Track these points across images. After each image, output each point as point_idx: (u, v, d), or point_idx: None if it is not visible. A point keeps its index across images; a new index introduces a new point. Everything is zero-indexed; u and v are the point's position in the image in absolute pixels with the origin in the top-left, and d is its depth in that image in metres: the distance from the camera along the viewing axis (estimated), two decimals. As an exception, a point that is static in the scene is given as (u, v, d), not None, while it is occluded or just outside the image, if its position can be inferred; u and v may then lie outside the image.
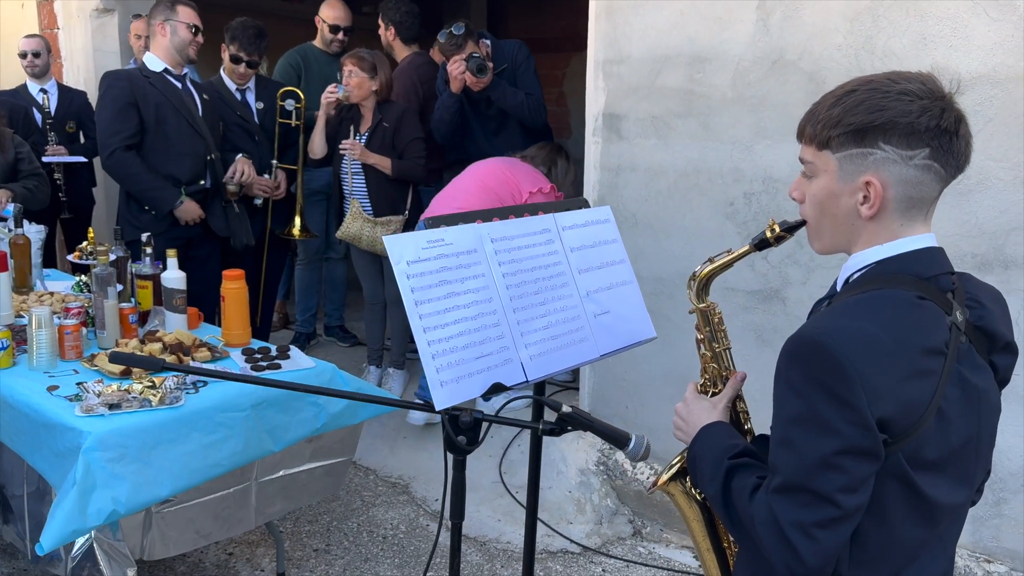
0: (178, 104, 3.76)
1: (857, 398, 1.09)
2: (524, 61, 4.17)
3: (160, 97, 3.72)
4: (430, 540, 3.32)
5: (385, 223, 4.07)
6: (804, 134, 1.27)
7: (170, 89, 3.76)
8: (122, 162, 3.68)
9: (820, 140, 1.23)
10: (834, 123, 1.20)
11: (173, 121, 3.74)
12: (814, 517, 1.13)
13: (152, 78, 3.74)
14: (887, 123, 1.17)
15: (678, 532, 3.39)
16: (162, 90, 3.73)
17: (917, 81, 1.19)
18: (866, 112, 1.18)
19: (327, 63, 4.78)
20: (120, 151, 3.66)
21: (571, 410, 1.57)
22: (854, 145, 1.19)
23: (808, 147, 1.26)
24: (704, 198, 3.22)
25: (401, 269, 1.54)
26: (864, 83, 1.21)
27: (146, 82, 3.72)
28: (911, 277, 1.20)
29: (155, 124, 3.72)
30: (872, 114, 1.17)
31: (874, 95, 1.18)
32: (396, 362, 4.42)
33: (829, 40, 2.88)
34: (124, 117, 3.66)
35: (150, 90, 3.71)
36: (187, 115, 3.77)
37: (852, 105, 1.19)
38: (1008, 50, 2.58)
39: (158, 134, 3.73)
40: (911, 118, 1.16)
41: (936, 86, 1.20)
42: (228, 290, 2.93)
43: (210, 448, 2.42)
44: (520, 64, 4.16)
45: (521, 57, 4.17)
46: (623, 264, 1.95)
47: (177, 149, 3.76)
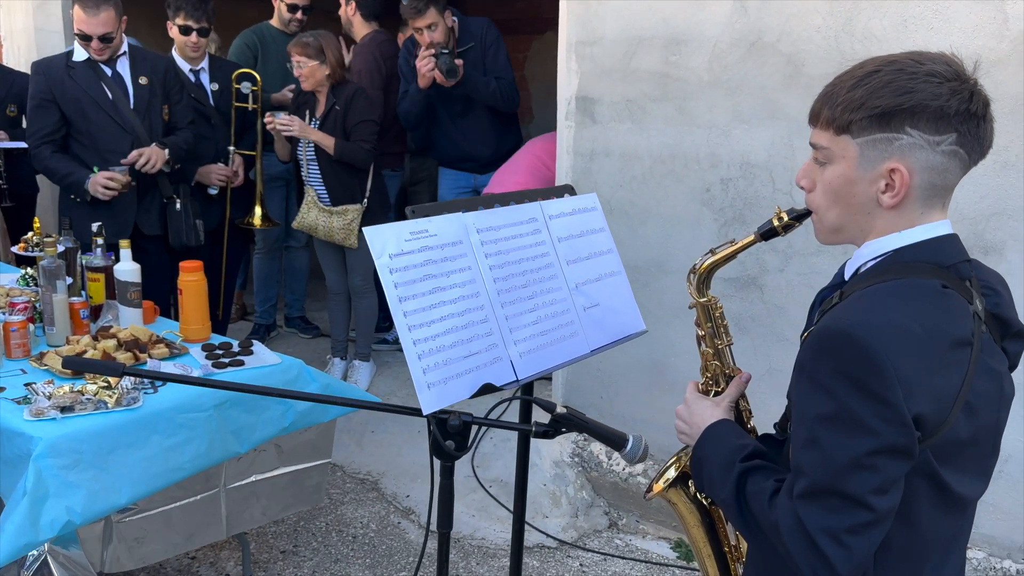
0: (98, 97, 3.51)
1: (893, 393, 1.02)
2: (494, 42, 4.05)
3: (79, 91, 3.49)
4: (402, 539, 3.22)
5: (341, 212, 3.92)
6: (820, 117, 1.18)
7: (91, 81, 3.51)
8: (38, 157, 3.53)
9: (839, 124, 1.14)
10: (856, 106, 1.12)
11: (94, 116, 3.52)
12: (846, 523, 1.06)
13: (75, 69, 3.50)
14: (916, 106, 1.09)
15: (654, 523, 3.34)
16: (82, 83, 3.49)
17: (942, 62, 1.12)
18: (893, 94, 1.10)
19: (285, 43, 4.57)
20: (40, 147, 3.50)
21: (565, 411, 1.49)
22: (878, 130, 1.11)
23: (824, 131, 1.17)
24: (680, 184, 3.15)
25: (383, 263, 1.43)
26: (887, 63, 1.13)
27: (66, 74, 3.49)
28: (932, 266, 1.13)
29: (77, 118, 3.51)
30: (900, 96, 1.10)
31: (900, 76, 1.10)
32: (362, 354, 4.29)
33: (808, 21, 2.82)
34: (40, 114, 3.50)
35: (69, 84, 3.48)
36: (109, 109, 3.53)
37: (877, 87, 1.11)
38: (990, 33, 2.54)
39: (81, 130, 3.53)
40: (941, 101, 1.09)
41: (961, 68, 1.13)
42: (186, 283, 2.78)
43: (171, 451, 2.29)
44: (489, 45, 4.04)
45: (491, 37, 4.04)
46: (611, 254, 1.87)
47: (98, 147, 3.54)
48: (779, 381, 2.36)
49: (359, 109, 3.85)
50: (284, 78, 4.52)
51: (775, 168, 2.96)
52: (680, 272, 3.20)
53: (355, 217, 3.90)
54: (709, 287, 1.42)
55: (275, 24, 4.64)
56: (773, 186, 2.97)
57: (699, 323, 1.44)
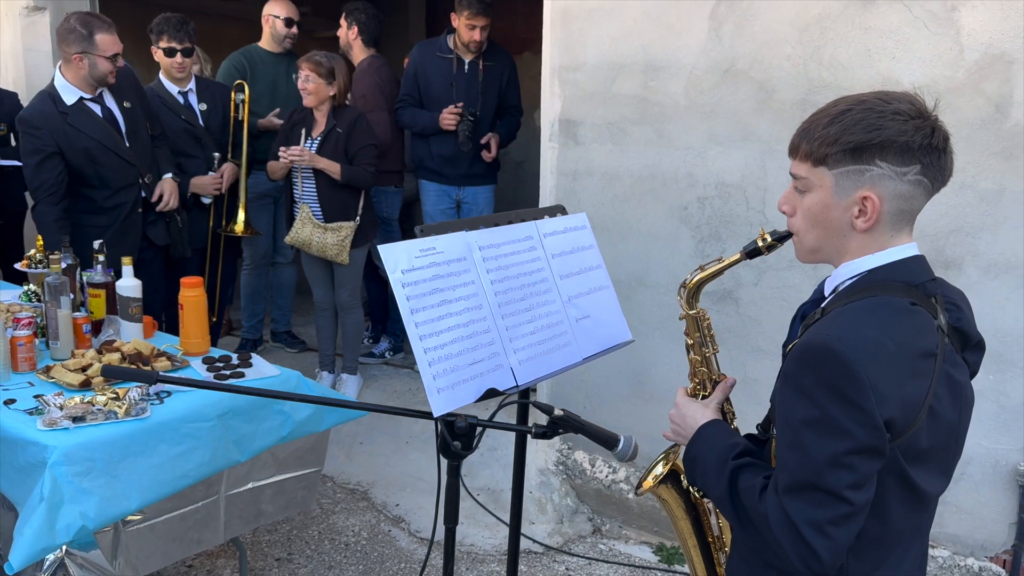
0: (103, 138, 3.54)
1: (868, 401, 1.17)
2: (513, 77, 4.51)
3: (85, 140, 3.49)
4: (393, 545, 3.32)
5: (335, 229, 4.04)
6: (799, 151, 1.33)
7: (91, 125, 3.52)
8: (42, 217, 3.47)
9: (816, 157, 1.29)
10: (831, 141, 1.27)
11: (102, 159, 3.55)
12: (827, 515, 1.20)
13: (70, 116, 3.48)
14: (884, 142, 1.24)
15: (636, 529, 3.47)
16: (84, 129, 3.49)
17: (907, 101, 1.27)
18: (863, 131, 1.25)
19: (273, 64, 4.72)
20: (43, 205, 3.48)
21: (563, 413, 1.62)
22: (851, 162, 1.26)
23: (803, 163, 1.32)
24: (659, 202, 3.31)
25: (396, 278, 1.56)
26: (857, 102, 1.28)
27: (64, 122, 3.45)
28: (902, 284, 1.28)
29: (86, 165, 3.52)
30: (870, 133, 1.25)
31: (870, 115, 1.25)
32: (349, 368, 4.39)
33: (779, 50, 2.99)
34: (46, 168, 3.44)
35: (72, 133, 3.47)
36: (113, 147, 3.58)
37: (849, 124, 1.26)
38: (946, 62, 2.73)
39: (89, 174, 3.55)
40: (906, 136, 1.24)
41: (924, 106, 1.28)
42: (187, 298, 2.88)
43: (178, 459, 2.38)
44: (509, 79, 4.50)
45: (510, 72, 4.50)
46: (600, 269, 2.01)
47: (111, 184, 3.61)
48: (754, 389, 2.51)
49: (362, 134, 3.99)
50: (272, 100, 4.64)
51: (748, 188, 3.12)
52: (659, 287, 3.35)
53: (348, 234, 4.03)
54: (698, 300, 1.57)
55: (263, 45, 4.75)
56: (747, 205, 3.14)
57: (688, 333, 1.59)
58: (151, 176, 3.75)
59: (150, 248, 3.85)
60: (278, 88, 4.68)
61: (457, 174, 4.45)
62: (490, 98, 4.45)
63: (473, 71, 4.40)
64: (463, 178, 4.46)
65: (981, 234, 2.75)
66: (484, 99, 4.42)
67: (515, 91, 4.56)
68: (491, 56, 4.43)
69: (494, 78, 4.44)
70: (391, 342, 4.99)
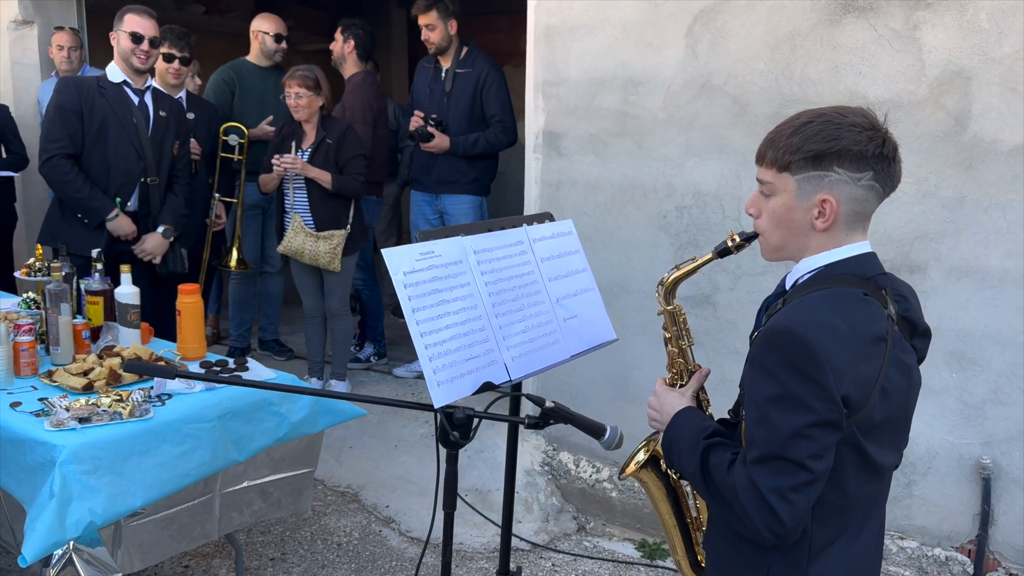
0: (124, 120, 3.67)
1: (826, 378, 1.30)
2: (494, 82, 4.38)
3: (107, 109, 3.65)
4: (384, 545, 3.41)
5: (327, 237, 4.15)
6: (765, 158, 1.46)
7: (121, 102, 3.68)
8: (58, 169, 3.60)
9: (781, 164, 1.43)
10: (794, 149, 1.41)
11: (114, 136, 3.67)
12: (789, 482, 1.33)
13: (107, 89, 3.67)
14: (841, 150, 1.38)
15: (619, 526, 3.59)
16: (112, 102, 3.66)
17: (860, 115, 1.41)
18: (823, 141, 1.39)
19: (262, 78, 4.83)
20: (58, 158, 3.60)
21: (553, 405, 1.73)
22: (812, 168, 1.40)
23: (768, 169, 1.46)
24: (639, 212, 3.45)
25: (399, 280, 1.67)
26: (817, 115, 1.42)
27: (98, 91, 3.65)
28: (855, 277, 1.42)
29: (96, 136, 3.65)
30: (828, 142, 1.39)
31: (828, 126, 1.40)
32: (338, 373, 4.48)
33: (752, 66, 3.15)
34: (65, 124, 3.60)
35: (99, 100, 3.64)
36: (131, 132, 3.69)
37: (810, 135, 1.40)
38: (909, 78, 2.89)
39: (96, 146, 3.66)
40: (860, 146, 1.38)
41: (875, 119, 1.42)
42: (184, 304, 2.97)
43: (180, 458, 2.47)
44: (489, 84, 4.38)
45: (492, 78, 4.38)
46: (585, 272, 2.13)
47: (110, 166, 3.69)
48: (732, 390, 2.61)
49: (351, 144, 4.11)
50: (261, 112, 4.74)
51: (724, 197, 3.27)
52: (640, 292, 3.49)
53: (340, 242, 4.14)
54: (675, 296, 1.70)
55: (252, 60, 4.86)
56: (723, 213, 3.28)
57: (666, 327, 1.71)
58: (157, 180, 3.81)
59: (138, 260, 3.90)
60: (267, 102, 4.79)
61: (431, 180, 4.50)
62: (460, 105, 4.39)
63: (445, 78, 4.44)
64: (437, 185, 4.49)
65: (944, 240, 2.91)
66: (452, 106, 4.40)
67: (495, 99, 4.39)
68: (467, 63, 4.41)
69: (465, 85, 4.40)
70: (376, 347, 5.09)
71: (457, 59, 4.42)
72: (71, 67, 4.94)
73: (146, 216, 3.83)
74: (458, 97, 4.40)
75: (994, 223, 2.83)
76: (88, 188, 3.64)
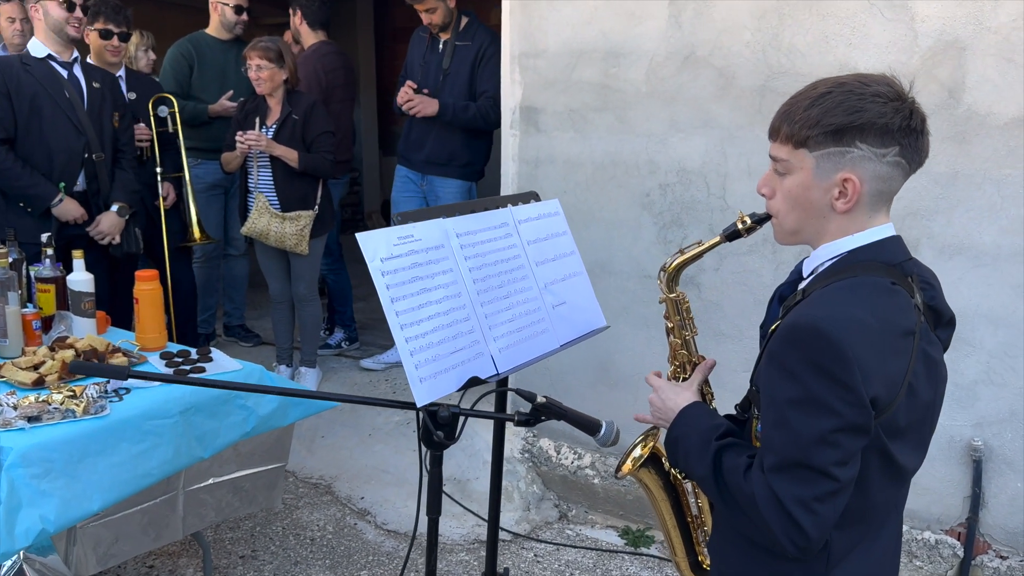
0: (56, 95, 3.47)
1: (854, 379, 1.18)
2: (492, 56, 4.06)
3: (37, 87, 3.44)
4: (359, 539, 3.28)
5: (294, 218, 3.96)
6: (779, 133, 1.33)
7: (50, 78, 3.48)
8: None
9: (797, 139, 1.30)
10: (813, 123, 1.28)
11: (49, 113, 3.45)
12: (813, 492, 1.21)
13: (32, 66, 3.46)
14: (865, 124, 1.25)
15: (602, 513, 3.49)
16: (40, 79, 3.45)
17: (885, 84, 1.28)
18: (844, 113, 1.26)
19: (222, 51, 4.61)
20: None
21: (545, 400, 1.60)
22: (832, 144, 1.27)
23: (783, 145, 1.33)
24: (621, 190, 3.32)
25: (376, 266, 1.53)
26: (837, 85, 1.29)
27: (23, 70, 3.43)
28: (881, 264, 1.30)
29: (28, 116, 3.43)
30: (851, 115, 1.26)
31: (850, 97, 1.26)
32: (307, 360, 4.33)
33: (738, 37, 3.02)
34: None
35: (26, 79, 3.43)
36: (65, 107, 3.49)
37: (830, 106, 1.27)
38: (901, 48, 2.78)
39: (31, 127, 3.44)
40: (886, 119, 1.25)
41: (901, 88, 1.29)
42: (142, 292, 2.79)
43: (140, 457, 2.32)
44: (488, 57, 4.09)
45: (491, 51, 4.08)
46: (574, 255, 2.00)
47: (50, 145, 3.47)
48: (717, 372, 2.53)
49: (319, 120, 3.91)
50: (221, 87, 4.53)
51: (709, 174, 3.15)
52: (623, 273, 3.37)
53: (307, 223, 3.95)
54: (678, 283, 1.57)
55: (211, 32, 4.63)
56: (708, 191, 3.17)
57: (668, 316, 1.59)
58: (103, 156, 3.61)
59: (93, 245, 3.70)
60: (227, 76, 4.57)
61: (419, 159, 4.27)
62: (459, 79, 4.13)
63: (443, 51, 4.18)
64: (425, 164, 4.27)
65: (935, 217, 2.82)
66: (450, 80, 4.15)
67: (491, 76, 4.07)
68: (467, 35, 4.14)
69: (464, 58, 4.12)
70: (346, 332, 4.93)
71: (456, 31, 4.14)
72: (23, 40, 4.66)
73: (96, 195, 3.63)
74: (456, 72, 4.13)
75: (988, 199, 2.75)
76: (28, 175, 3.43)
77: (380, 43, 8.37)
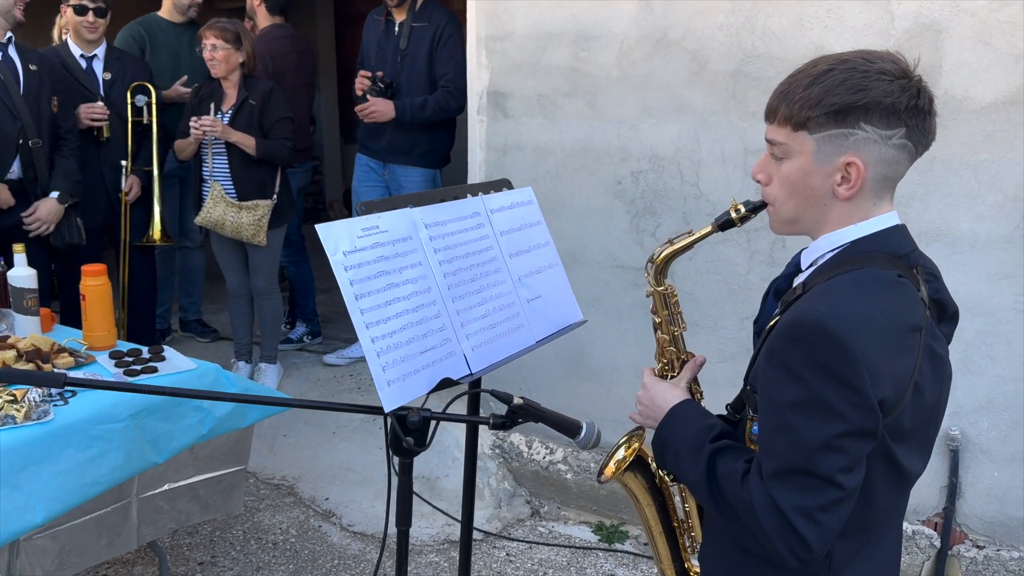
0: None
1: (862, 381, 1.09)
2: (450, 36, 3.86)
3: None
4: (324, 542, 3.16)
5: (251, 207, 3.80)
6: (777, 114, 1.23)
7: None
8: None
9: (797, 120, 1.20)
10: (813, 103, 1.18)
11: None
12: (817, 501, 1.12)
13: None
14: (870, 103, 1.16)
15: (575, 509, 3.41)
16: None
17: (890, 60, 1.19)
18: (848, 92, 1.17)
19: (175, 35, 4.41)
20: None
21: (522, 402, 1.50)
22: (834, 126, 1.18)
23: (781, 128, 1.23)
24: (592, 177, 3.22)
25: (338, 260, 1.41)
26: (839, 62, 1.20)
27: None
28: (887, 256, 1.21)
29: None
30: (855, 94, 1.16)
31: (854, 75, 1.17)
32: (268, 356, 4.17)
33: (711, 19, 2.93)
34: None
35: None
36: None
37: (833, 85, 1.18)
38: (878, 31, 2.72)
39: None
40: (892, 98, 1.16)
41: (907, 65, 1.20)
42: (89, 287, 2.64)
43: (87, 465, 2.18)
44: (447, 38, 3.87)
45: (448, 31, 3.86)
46: (548, 246, 1.90)
47: None
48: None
49: (278, 106, 3.76)
50: (175, 72, 4.34)
51: (682, 161, 3.07)
52: (595, 263, 3.28)
53: (265, 213, 3.79)
54: (666, 276, 1.47)
55: (163, 15, 4.43)
56: (681, 178, 3.08)
57: (656, 310, 1.49)
58: (39, 143, 3.42)
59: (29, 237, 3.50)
60: (181, 60, 4.38)
61: (380, 147, 4.09)
62: (417, 61, 3.90)
63: (399, 33, 3.97)
64: (386, 152, 4.09)
65: (911, 203, 2.77)
66: (407, 64, 3.95)
67: (450, 58, 3.85)
68: (423, 16, 3.92)
69: (421, 39, 3.89)
70: (308, 326, 4.77)
71: (412, 11, 3.91)
72: None
73: (33, 183, 3.44)
74: (414, 55, 3.91)
75: (965, 185, 2.70)
76: None
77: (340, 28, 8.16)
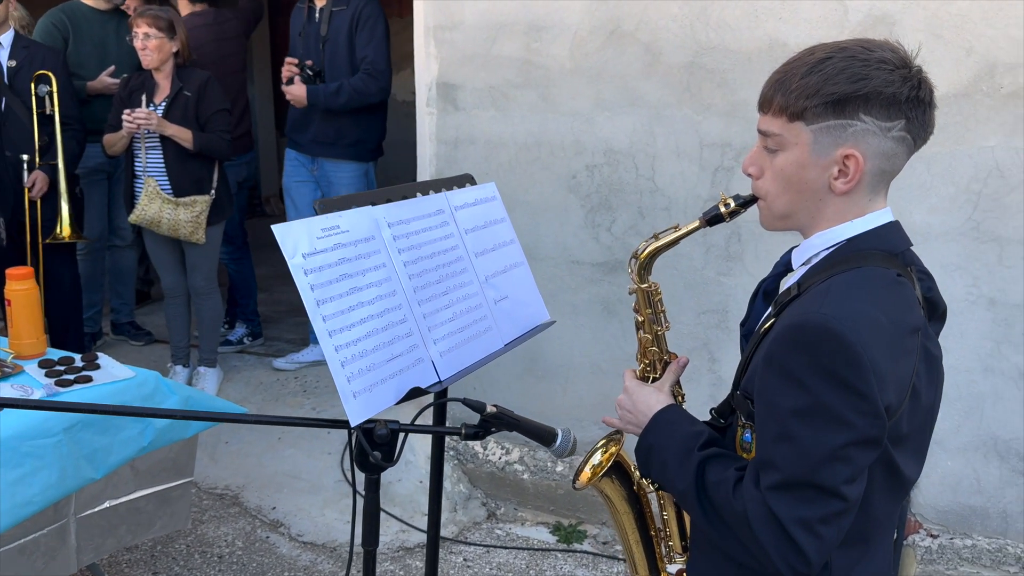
0: None
1: (869, 386, 1.04)
2: (369, 17, 3.72)
3: None
4: (272, 554, 3.03)
5: (189, 204, 3.63)
6: (772, 104, 1.17)
7: None
8: None
9: (793, 111, 1.15)
10: (811, 93, 1.13)
11: None
12: (819, 513, 1.07)
13: None
14: (870, 93, 1.11)
15: (532, 510, 3.35)
16: None
17: (889, 49, 1.15)
18: (848, 81, 1.11)
19: (100, 23, 4.17)
20: None
21: (495, 410, 1.43)
22: (833, 116, 1.13)
23: (775, 118, 1.17)
24: (546, 171, 3.15)
25: (297, 263, 1.30)
26: (837, 50, 1.15)
27: None
28: (885, 254, 1.17)
29: None
30: (855, 83, 1.11)
31: (853, 63, 1.12)
32: (207, 360, 4.00)
33: (665, 10, 2.89)
34: None
35: None
36: None
37: (831, 74, 1.12)
38: (832, 23, 2.71)
39: None
40: (893, 88, 1.11)
41: (906, 54, 1.16)
42: (15, 292, 2.46)
43: (18, 484, 2.02)
44: (364, 20, 3.73)
45: (368, 12, 3.73)
46: (514, 244, 1.83)
47: None
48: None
49: (214, 97, 3.58)
50: (101, 62, 4.12)
51: (637, 154, 3.02)
52: (550, 259, 3.21)
53: (203, 209, 3.62)
54: (650, 273, 1.41)
55: (87, 1, 4.19)
56: (636, 172, 3.04)
57: (639, 309, 1.43)
58: None
59: None
60: (108, 49, 4.15)
61: (306, 139, 3.93)
62: (338, 46, 3.77)
63: (320, 19, 3.82)
64: (312, 145, 3.93)
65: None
66: (328, 51, 3.80)
67: (368, 39, 3.72)
68: (342, 1, 3.78)
69: (341, 24, 3.76)
70: (249, 327, 4.60)
71: None
72: None
73: None
74: (334, 40, 3.78)
75: (918, 177, 2.71)
76: None
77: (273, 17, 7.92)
